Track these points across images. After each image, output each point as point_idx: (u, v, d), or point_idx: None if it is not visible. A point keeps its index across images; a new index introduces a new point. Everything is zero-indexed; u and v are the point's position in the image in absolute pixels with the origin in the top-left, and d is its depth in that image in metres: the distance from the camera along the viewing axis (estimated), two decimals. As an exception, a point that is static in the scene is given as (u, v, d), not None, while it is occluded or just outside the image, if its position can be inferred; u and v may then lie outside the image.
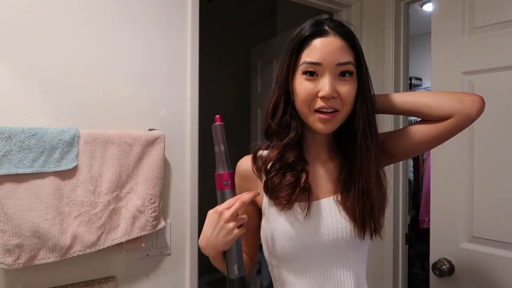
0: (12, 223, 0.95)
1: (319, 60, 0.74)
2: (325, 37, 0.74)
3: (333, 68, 0.74)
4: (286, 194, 0.78)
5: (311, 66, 0.74)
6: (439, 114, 0.79)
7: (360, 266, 0.84)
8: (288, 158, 0.79)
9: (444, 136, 0.81)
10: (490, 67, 1.27)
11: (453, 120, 0.78)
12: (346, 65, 0.74)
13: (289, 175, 0.78)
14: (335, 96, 0.74)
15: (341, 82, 0.74)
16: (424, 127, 0.81)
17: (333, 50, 0.73)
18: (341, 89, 0.74)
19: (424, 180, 2.73)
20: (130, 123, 1.21)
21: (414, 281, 2.74)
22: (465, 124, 0.78)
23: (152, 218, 1.17)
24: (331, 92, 0.72)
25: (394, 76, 1.72)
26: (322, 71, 0.74)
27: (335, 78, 0.74)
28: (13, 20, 1.03)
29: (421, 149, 0.87)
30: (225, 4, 2.75)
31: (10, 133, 0.96)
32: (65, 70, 1.10)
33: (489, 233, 1.26)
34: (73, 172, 1.05)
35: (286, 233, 0.78)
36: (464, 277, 1.31)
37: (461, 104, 0.77)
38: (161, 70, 1.27)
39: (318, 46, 0.74)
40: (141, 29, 1.23)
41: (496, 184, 1.25)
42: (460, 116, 0.77)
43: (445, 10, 1.39)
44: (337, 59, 0.73)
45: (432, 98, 0.80)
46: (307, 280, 0.80)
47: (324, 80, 0.73)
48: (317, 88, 0.74)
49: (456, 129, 0.79)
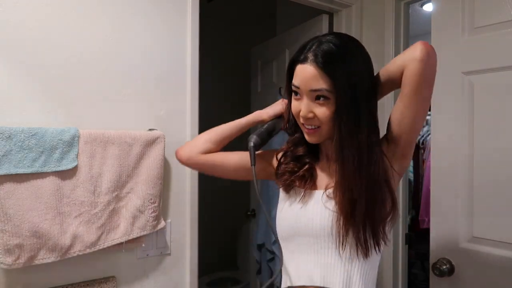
0: (12, 223, 0.95)
1: (298, 84, 0.82)
2: (303, 64, 0.81)
3: (308, 92, 0.81)
4: (285, 178, 0.91)
5: (295, 88, 0.84)
6: (397, 70, 0.83)
7: (351, 261, 0.84)
8: (297, 151, 0.92)
9: (412, 91, 0.81)
10: (490, 67, 1.27)
11: (406, 70, 0.81)
12: (319, 91, 0.80)
13: (292, 164, 0.92)
14: (311, 117, 0.82)
15: (317, 105, 0.81)
16: (399, 95, 0.84)
17: (307, 77, 0.81)
18: (316, 110, 0.81)
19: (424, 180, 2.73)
20: (130, 123, 1.21)
21: (414, 281, 2.74)
22: (416, 67, 0.79)
23: (152, 218, 1.17)
24: (306, 113, 0.82)
25: (394, 76, 1.72)
26: (301, 94, 0.83)
27: (312, 100, 0.82)
28: (12, 19, 1.03)
29: (407, 119, 0.84)
30: (225, 4, 2.75)
31: (10, 133, 0.96)
32: (65, 70, 1.10)
33: (489, 233, 1.26)
34: (73, 172, 1.05)
35: (282, 214, 0.92)
36: (464, 277, 1.31)
37: (406, 53, 0.82)
38: (161, 70, 1.27)
39: (298, 72, 0.83)
40: (140, 29, 1.23)
41: (496, 184, 1.25)
42: (409, 62, 0.80)
43: (445, 10, 1.39)
44: (310, 86, 0.80)
45: (390, 62, 0.87)
46: (298, 261, 0.88)
47: (303, 101, 0.83)
48: (300, 107, 0.83)
49: (413, 76, 0.80)
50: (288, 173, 0.91)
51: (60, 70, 1.10)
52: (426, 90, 0.82)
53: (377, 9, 1.78)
